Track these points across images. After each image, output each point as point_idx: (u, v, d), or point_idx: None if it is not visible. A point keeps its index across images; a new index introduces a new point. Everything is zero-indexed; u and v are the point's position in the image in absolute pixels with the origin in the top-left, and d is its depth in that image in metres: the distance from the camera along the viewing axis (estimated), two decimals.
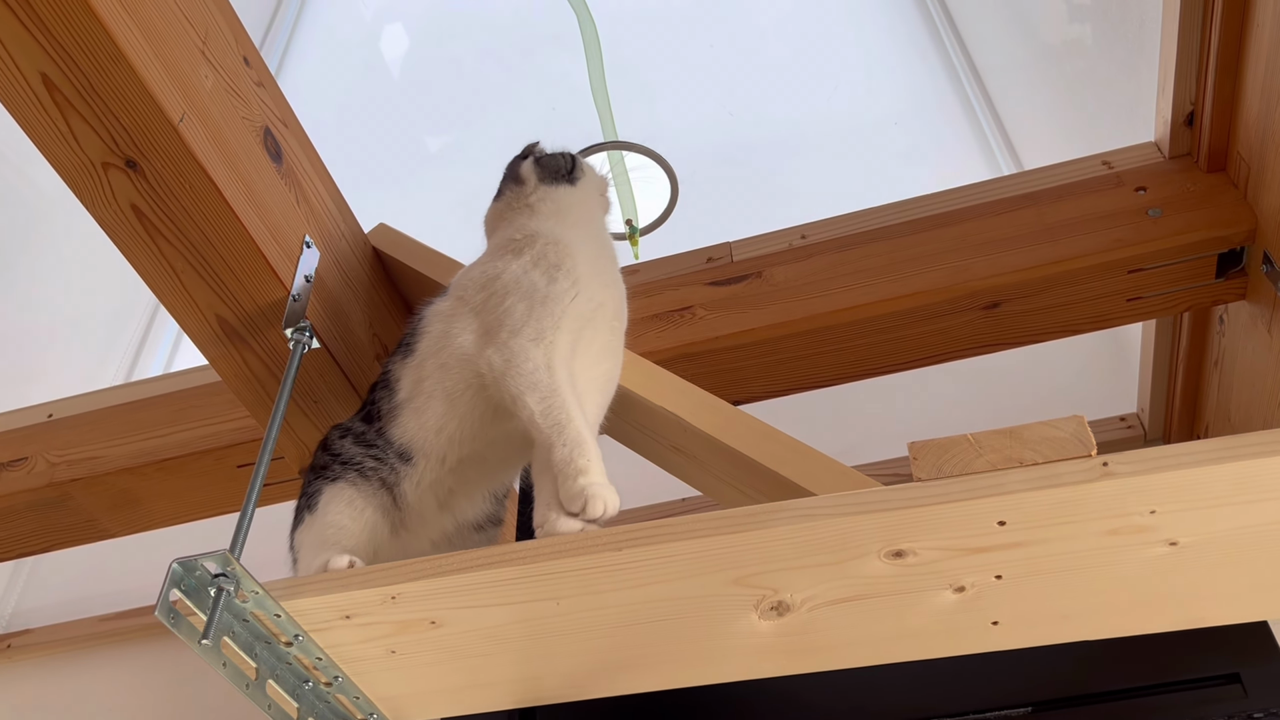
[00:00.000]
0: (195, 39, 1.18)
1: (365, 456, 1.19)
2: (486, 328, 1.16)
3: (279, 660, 1.07)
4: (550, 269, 1.18)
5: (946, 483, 0.90)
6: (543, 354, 1.11)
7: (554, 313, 1.14)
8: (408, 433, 1.19)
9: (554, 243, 1.21)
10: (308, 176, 1.38)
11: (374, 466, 1.18)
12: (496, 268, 1.21)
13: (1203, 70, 1.38)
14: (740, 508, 0.95)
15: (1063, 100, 2.19)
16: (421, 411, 1.18)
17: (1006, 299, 1.45)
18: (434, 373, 1.18)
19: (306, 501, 1.21)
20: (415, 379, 1.20)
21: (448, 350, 1.18)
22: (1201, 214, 1.41)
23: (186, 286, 1.26)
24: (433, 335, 1.21)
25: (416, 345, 1.22)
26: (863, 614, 1.00)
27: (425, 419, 1.18)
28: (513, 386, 1.10)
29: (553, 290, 1.16)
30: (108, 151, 1.12)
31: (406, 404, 1.20)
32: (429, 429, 1.18)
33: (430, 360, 1.19)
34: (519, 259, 1.20)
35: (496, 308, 1.16)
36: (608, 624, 1.03)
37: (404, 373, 1.22)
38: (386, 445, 1.19)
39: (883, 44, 3.01)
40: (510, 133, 3.00)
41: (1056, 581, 0.95)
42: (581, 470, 1.04)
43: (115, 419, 1.72)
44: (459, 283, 1.26)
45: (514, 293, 1.16)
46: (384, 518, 1.17)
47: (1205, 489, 0.87)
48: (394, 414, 1.20)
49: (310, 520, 1.18)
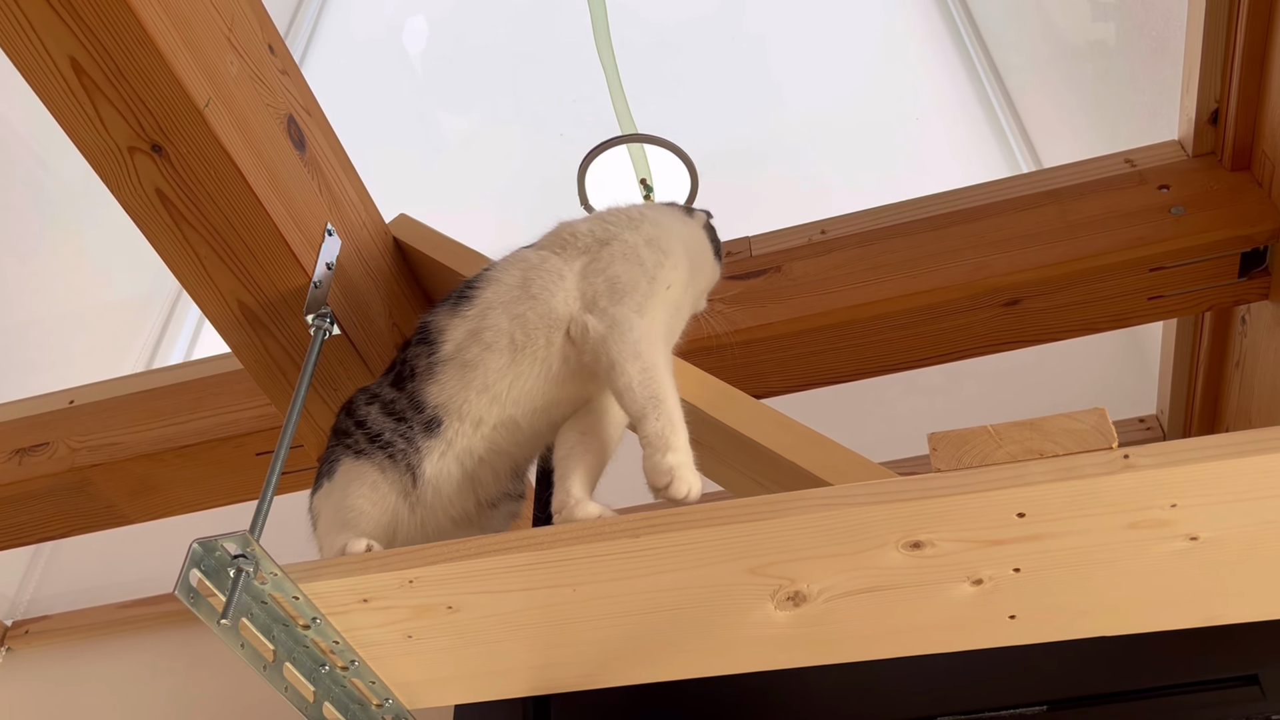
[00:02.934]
0: (221, 25, 1.19)
1: (394, 434, 1.16)
2: (590, 288, 1.16)
3: (296, 643, 1.07)
4: (660, 253, 1.19)
5: (966, 473, 0.90)
6: (646, 325, 1.11)
7: (658, 292, 1.15)
8: (446, 391, 1.15)
9: (665, 234, 1.23)
10: (330, 165, 1.39)
11: (402, 448, 1.16)
12: (611, 231, 1.21)
13: (1228, 68, 1.37)
14: (758, 496, 0.95)
15: (1084, 99, 2.18)
16: (471, 366, 1.15)
17: (1027, 296, 1.45)
18: (501, 322, 1.15)
19: (327, 468, 1.20)
20: (471, 330, 1.17)
21: (529, 300, 1.16)
22: (1225, 212, 1.40)
23: (209, 272, 1.27)
24: (506, 284, 1.19)
25: (477, 295, 1.19)
26: (879, 606, 1.00)
27: (473, 374, 1.15)
28: (614, 351, 1.09)
29: (659, 272, 1.16)
30: (134, 136, 1.13)
31: (452, 358, 1.16)
32: (474, 386, 1.15)
33: (498, 310, 1.16)
34: (636, 232, 1.21)
35: (604, 269, 1.16)
36: (624, 611, 1.03)
37: (452, 324, 1.19)
38: (415, 413, 1.16)
39: (903, 41, 3.01)
40: (531, 125, 3.02)
41: (1075, 575, 0.95)
42: (672, 447, 1.03)
43: (136, 406, 1.73)
44: (557, 234, 1.25)
45: (625, 260, 1.17)
46: (404, 499, 1.16)
47: (1227, 483, 0.87)
48: (432, 371, 1.17)
49: (329, 489, 1.18)
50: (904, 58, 2.95)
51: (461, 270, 1.47)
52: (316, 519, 1.20)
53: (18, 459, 1.72)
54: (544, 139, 2.83)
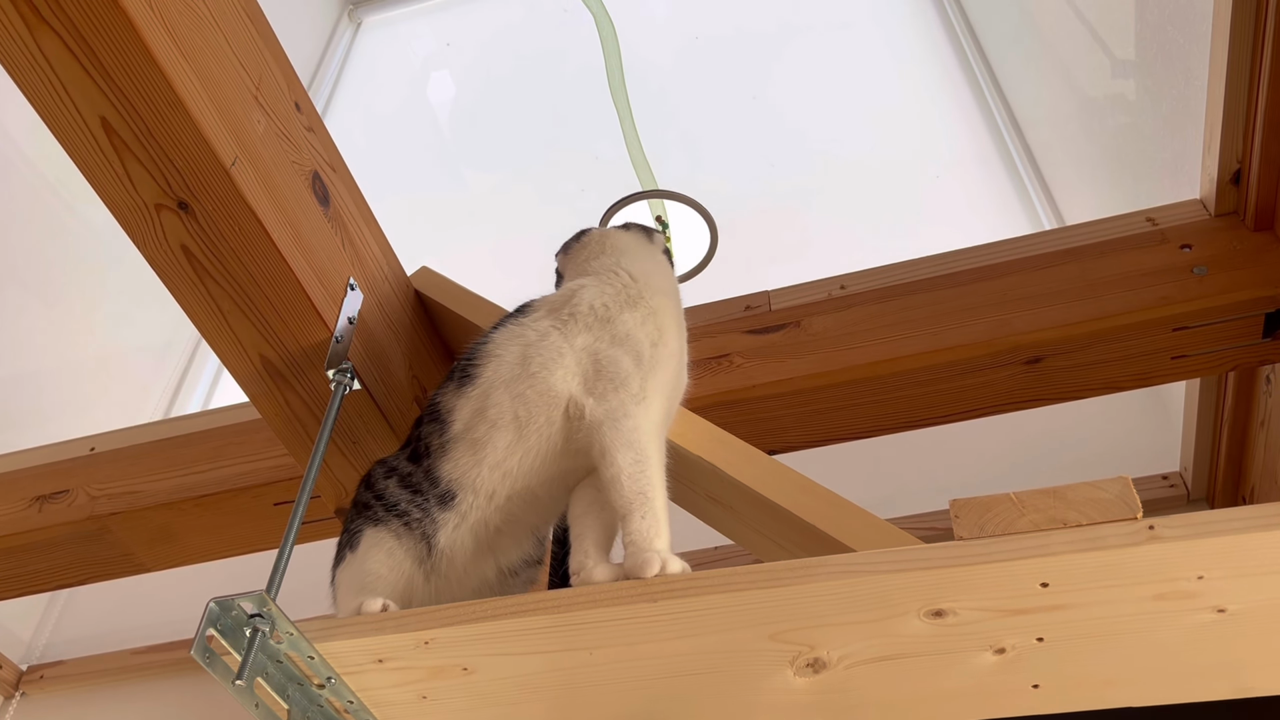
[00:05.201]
0: (249, 84, 1.20)
1: (410, 505, 1.17)
2: (592, 370, 1.15)
3: (311, 702, 1.07)
4: (657, 330, 1.18)
5: (989, 542, 0.89)
6: (643, 413, 1.11)
7: (656, 373, 1.15)
8: (459, 468, 1.16)
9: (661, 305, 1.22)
10: (354, 220, 1.40)
11: (418, 518, 1.16)
12: (610, 311, 1.20)
13: (1250, 128, 1.37)
14: (779, 561, 0.95)
15: (1106, 156, 2.18)
16: (481, 443, 1.15)
17: (1048, 354, 1.44)
18: (504, 400, 1.16)
19: (349, 539, 1.20)
20: (476, 409, 1.17)
21: (528, 379, 1.16)
22: (1248, 273, 1.39)
23: (232, 326, 1.28)
24: (505, 361, 1.19)
25: (479, 372, 1.19)
26: (900, 673, 0.98)
27: (484, 451, 1.15)
28: (607, 439, 1.09)
29: (658, 351, 1.16)
30: (161, 193, 1.15)
31: (462, 436, 1.17)
32: (486, 462, 1.15)
33: (500, 389, 1.17)
34: (634, 310, 1.20)
35: (605, 350, 1.16)
36: (641, 676, 1.02)
37: (459, 403, 1.19)
38: (431, 487, 1.17)
39: (924, 97, 3.02)
40: (553, 180, 3.05)
41: (1100, 646, 0.93)
42: (653, 547, 1.03)
43: (155, 454, 1.74)
44: (560, 304, 1.23)
45: (624, 344, 1.16)
46: (419, 566, 1.16)
47: (1255, 555, 0.85)
48: (445, 449, 1.18)
49: (351, 559, 1.18)
50: (924, 111, 2.96)
51: (482, 324, 1.47)
52: (337, 592, 1.19)
53: (38, 506, 1.72)
54: (564, 194, 2.85)
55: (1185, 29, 1.59)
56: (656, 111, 2.73)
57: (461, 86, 3.83)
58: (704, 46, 3.39)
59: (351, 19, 4.36)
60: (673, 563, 1.00)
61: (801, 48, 3.31)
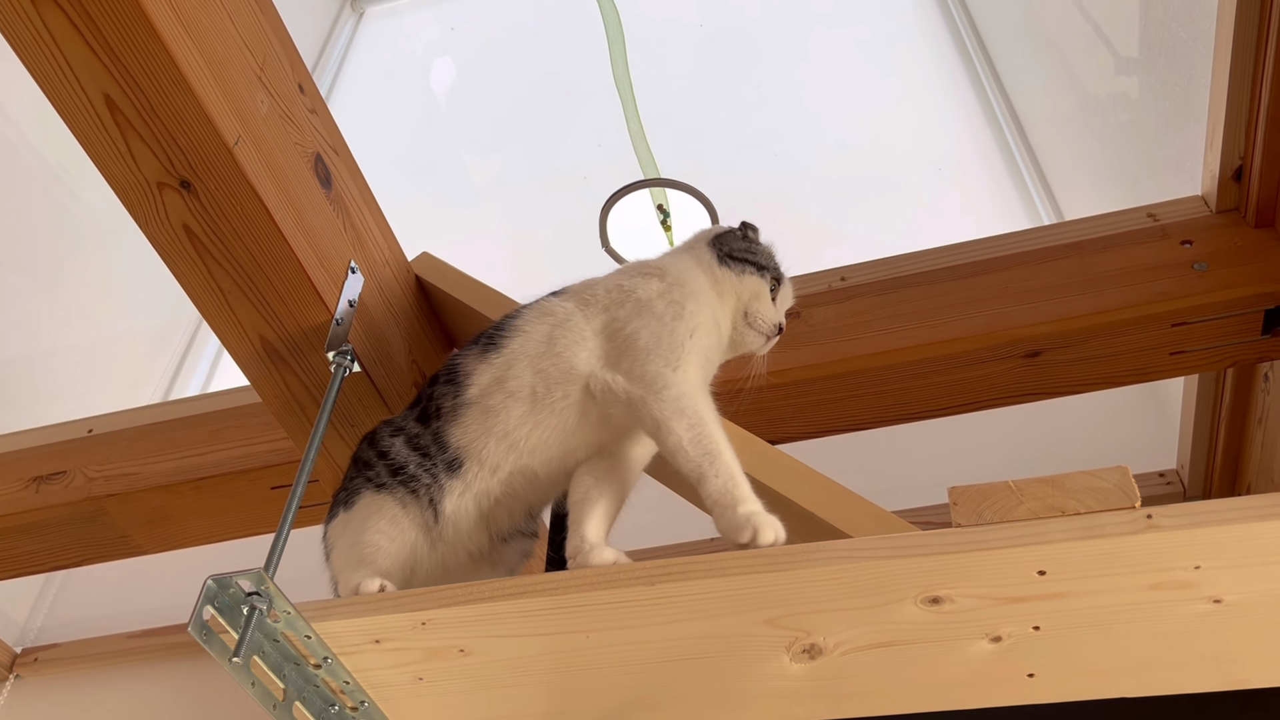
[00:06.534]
0: (253, 65, 1.20)
1: (418, 468, 1.17)
2: (612, 347, 1.15)
3: (307, 682, 1.07)
4: (674, 305, 1.17)
5: (987, 529, 0.89)
6: (681, 378, 1.10)
7: (682, 342, 1.14)
8: (469, 435, 1.16)
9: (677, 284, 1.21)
10: (355, 203, 1.40)
11: (426, 484, 1.16)
12: (624, 289, 1.20)
13: (1252, 125, 1.37)
14: (776, 547, 0.95)
15: (1107, 152, 2.18)
16: (494, 412, 1.15)
17: (1047, 348, 1.44)
18: (524, 374, 1.16)
19: (346, 497, 1.20)
20: (496, 377, 1.17)
21: (551, 357, 1.16)
22: (1248, 269, 1.39)
23: (232, 306, 1.28)
24: (532, 337, 1.19)
25: (506, 343, 1.20)
26: (896, 660, 0.99)
27: (495, 420, 1.15)
28: (657, 411, 1.08)
29: (678, 324, 1.15)
30: (164, 172, 1.15)
31: (476, 402, 1.17)
32: (494, 432, 1.15)
33: (524, 362, 1.17)
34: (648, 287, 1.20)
35: (622, 328, 1.16)
36: (637, 660, 1.02)
37: (480, 369, 1.19)
38: (439, 451, 1.17)
39: (926, 92, 3.02)
40: (555, 168, 3.05)
41: (1095, 635, 0.94)
42: (741, 499, 1.03)
43: (153, 436, 1.74)
44: (582, 289, 1.24)
45: (641, 316, 1.16)
46: (425, 534, 1.16)
47: (1252, 546, 0.85)
48: (457, 413, 1.17)
49: (345, 520, 1.18)
50: (926, 107, 2.96)
51: (482, 309, 1.48)
52: (331, 549, 1.20)
53: (35, 487, 1.72)
54: (567, 181, 2.85)
55: (1189, 26, 1.59)
56: (660, 99, 2.72)
57: (464, 73, 3.82)
58: (709, 36, 3.38)
59: (354, 9, 4.35)
60: (765, 530, 0.99)
61: (806, 41, 3.31)
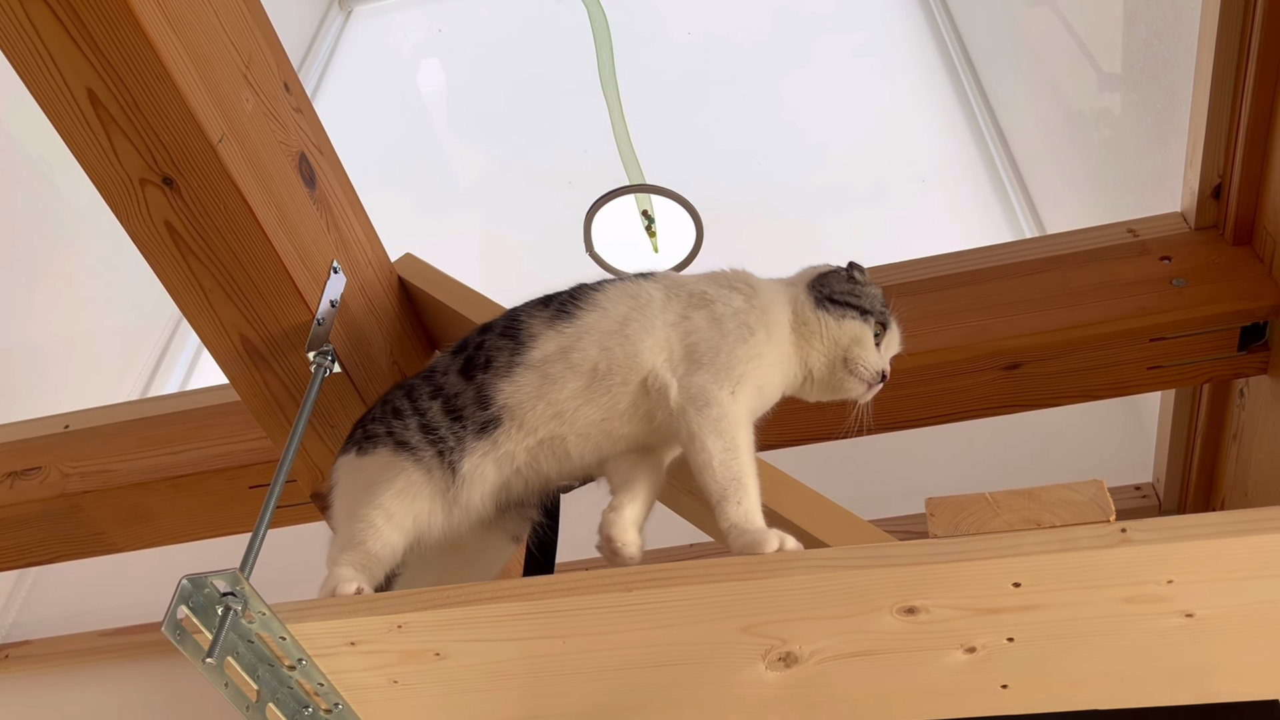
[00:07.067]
0: (239, 62, 1.20)
1: (448, 432, 1.14)
2: (674, 347, 1.14)
3: (281, 684, 1.06)
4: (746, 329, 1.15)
5: (963, 540, 0.90)
6: (728, 399, 1.09)
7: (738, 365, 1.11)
8: (521, 393, 1.14)
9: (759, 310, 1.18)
10: (339, 203, 1.40)
11: (452, 446, 1.14)
12: (708, 295, 1.18)
13: (1231, 144, 1.39)
14: (753, 555, 0.95)
15: (1090, 168, 2.20)
16: (551, 380, 1.13)
17: (1026, 360, 1.45)
18: (591, 350, 1.14)
19: (363, 438, 1.19)
20: (562, 347, 1.15)
21: (620, 339, 1.14)
22: (1226, 286, 1.40)
23: (213, 305, 1.27)
24: (610, 314, 1.17)
25: (581, 315, 1.17)
26: (872, 670, 0.99)
27: (549, 388, 1.13)
28: (694, 424, 1.07)
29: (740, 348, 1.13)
30: (146, 168, 1.14)
31: (535, 365, 1.15)
32: (546, 398, 1.13)
33: (594, 337, 1.15)
34: (729, 302, 1.17)
35: (691, 331, 1.14)
36: (613, 666, 1.02)
37: (547, 333, 1.17)
38: (478, 409, 1.14)
39: (912, 104, 3.04)
40: (540, 172, 3.05)
41: (1069, 647, 0.94)
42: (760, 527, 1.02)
43: (130, 434, 1.73)
44: (671, 277, 1.22)
45: (711, 327, 1.14)
46: (439, 500, 1.15)
47: (1224, 561, 0.86)
48: (511, 369, 1.15)
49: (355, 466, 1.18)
50: (912, 119, 2.98)
51: (464, 312, 1.48)
52: (334, 486, 1.21)
53: (9, 482, 1.71)
54: (552, 185, 2.85)
55: (1171, 44, 1.61)
56: (647, 106, 2.72)
57: (451, 76, 3.82)
58: (697, 43, 3.39)
59: (342, 8, 4.34)
60: (789, 539, 0.99)
61: (794, 51, 3.32)
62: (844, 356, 1.19)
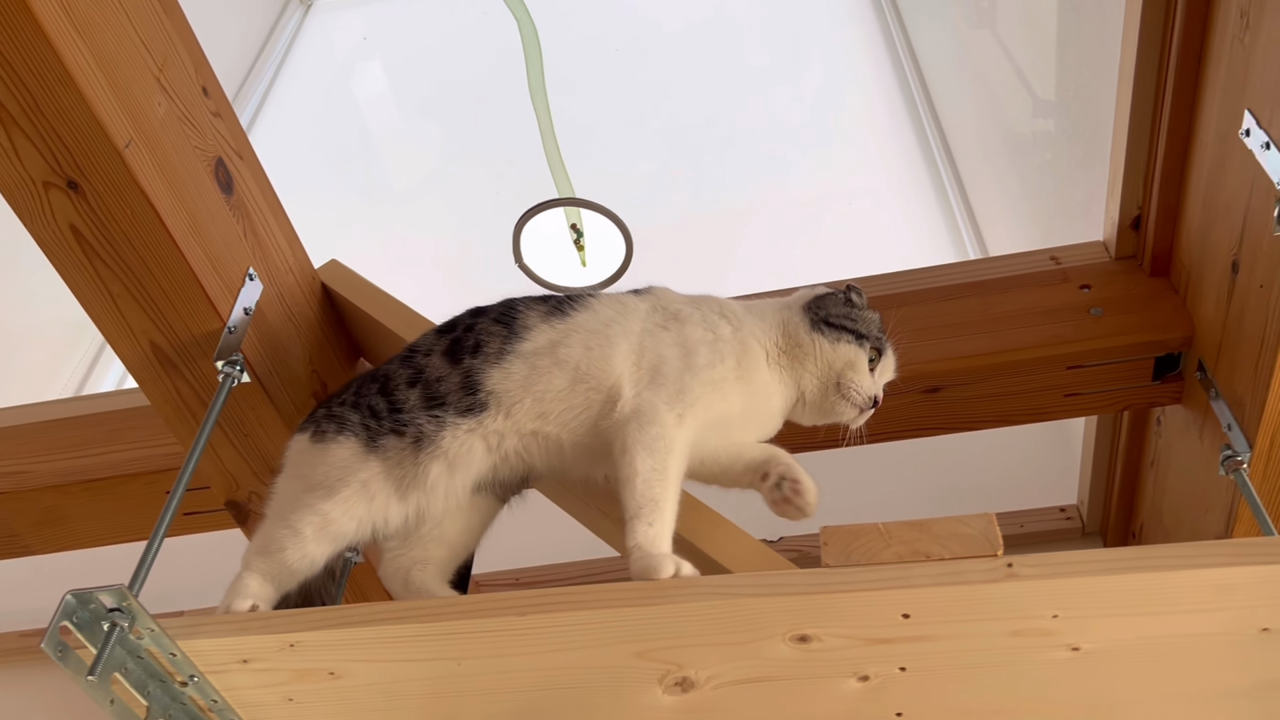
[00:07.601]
0: (152, 66, 1.18)
1: (426, 422, 1.12)
2: (640, 359, 1.13)
3: (173, 700, 1.05)
4: (716, 356, 1.13)
5: (853, 571, 0.90)
6: (673, 422, 1.07)
7: (694, 389, 1.10)
8: (508, 383, 1.12)
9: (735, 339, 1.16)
10: (258, 209, 1.37)
11: (430, 432, 1.12)
12: (685, 314, 1.17)
13: (1150, 176, 1.40)
14: (648, 581, 0.95)
15: (1027, 191, 2.22)
16: (538, 373, 1.12)
17: (947, 384, 1.46)
18: (575, 348, 1.13)
19: (325, 421, 1.17)
20: (552, 341, 1.14)
21: (599, 340, 1.13)
22: (1141, 317, 1.42)
23: (122, 310, 1.25)
24: (597, 315, 1.16)
25: (574, 313, 1.17)
26: (767, 696, 0.99)
27: (535, 381, 1.12)
28: (630, 438, 1.06)
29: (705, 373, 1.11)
30: (49, 171, 1.12)
31: (526, 356, 1.13)
32: (533, 392, 1.12)
33: (580, 336, 1.14)
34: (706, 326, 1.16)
35: (657, 346, 1.13)
36: (510, 688, 1.02)
37: (541, 327, 1.16)
38: (464, 394, 1.13)
39: (862, 118, 3.05)
40: (470, 182, 3.03)
41: (960, 677, 0.95)
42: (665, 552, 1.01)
43: (47, 434, 1.69)
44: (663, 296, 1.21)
45: (678, 346, 1.13)
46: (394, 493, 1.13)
47: (1109, 598, 0.87)
48: (503, 357, 1.14)
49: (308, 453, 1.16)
50: (861, 134, 2.99)
51: (386, 322, 1.46)
52: (283, 468, 1.19)
53: None
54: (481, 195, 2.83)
55: (1099, 73, 1.63)
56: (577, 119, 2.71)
57: (387, 82, 3.80)
58: (627, 59, 3.39)
59: (302, 1, 4.30)
60: (685, 565, 0.98)
61: (737, 64, 3.33)
62: (837, 380, 1.19)
